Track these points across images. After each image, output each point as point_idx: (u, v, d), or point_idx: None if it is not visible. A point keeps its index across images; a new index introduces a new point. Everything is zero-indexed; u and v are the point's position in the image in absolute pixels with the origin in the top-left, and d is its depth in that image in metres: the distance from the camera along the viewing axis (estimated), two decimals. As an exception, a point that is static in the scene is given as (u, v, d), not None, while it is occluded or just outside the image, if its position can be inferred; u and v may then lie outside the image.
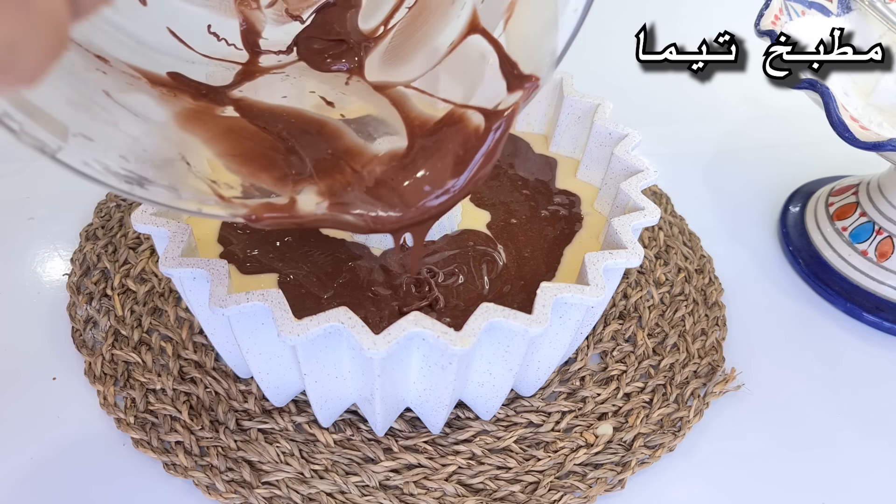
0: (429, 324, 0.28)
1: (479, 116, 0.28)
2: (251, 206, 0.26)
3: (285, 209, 0.27)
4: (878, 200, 0.48)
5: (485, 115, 0.28)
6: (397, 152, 0.29)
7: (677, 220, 0.52)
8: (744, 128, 0.65)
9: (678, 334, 0.44)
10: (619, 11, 0.72)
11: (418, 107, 0.31)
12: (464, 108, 0.29)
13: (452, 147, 0.28)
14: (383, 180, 0.28)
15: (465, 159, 0.28)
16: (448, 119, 0.29)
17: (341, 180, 0.28)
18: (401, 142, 0.29)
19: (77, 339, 0.40)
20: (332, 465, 0.36)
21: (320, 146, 0.29)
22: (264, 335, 0.31)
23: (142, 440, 0.36)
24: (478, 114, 0.28)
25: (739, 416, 0.41)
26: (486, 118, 0.28)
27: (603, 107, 0.40)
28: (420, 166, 0.28)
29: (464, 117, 0.29)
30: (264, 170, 0.28)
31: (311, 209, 0.27)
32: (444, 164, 0.28)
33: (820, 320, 0.47)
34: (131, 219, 0.31)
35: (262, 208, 0.26)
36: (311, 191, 0.27)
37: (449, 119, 0.29)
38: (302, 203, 0.27)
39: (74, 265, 0.44)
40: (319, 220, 0.27)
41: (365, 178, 0.28)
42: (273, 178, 0.28)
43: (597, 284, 0.30)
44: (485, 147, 0.28)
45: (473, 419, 0.38)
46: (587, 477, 0.37)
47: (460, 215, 0.38)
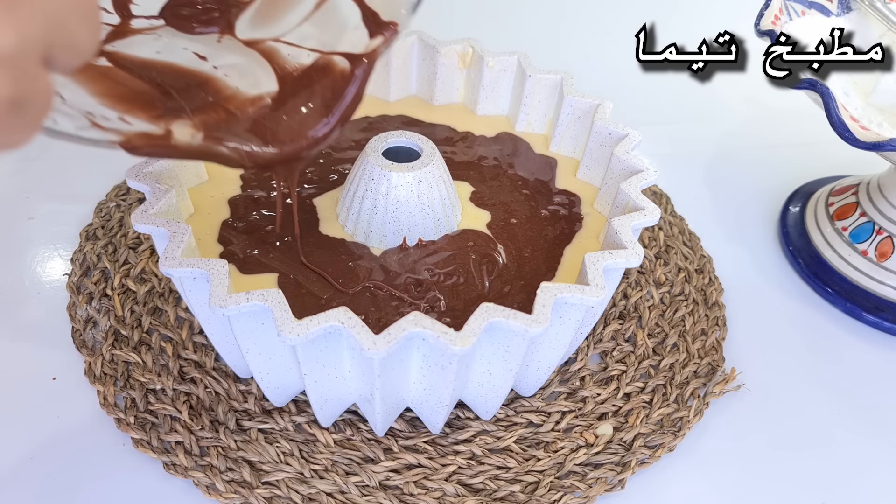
0: (429, 324, 0.28)
1: (345, 62, 0.31)
2: (127, 133, 0.27)
3: (161, 139, 0.28)
4: (878, 200, 0.48)
5: (350, 59, 0.31)
6: (270, 95, 0.32)
7: (677, 220, 0.52)
8: (744, 128, 0.65)
9: (678, 334, 0.44)
10: (619, 11, 0.73)
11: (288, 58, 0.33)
12: (330, 54, 0.32)
13: (320, 89, 0.31)
14: (257, 120, 0.31)
15: (332, 100, 0.31)
16: (316, 65, 0.32)
17: (216, 117, 0.30)
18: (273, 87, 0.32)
19: (77, 339, 0.40)
20: (332, 465, 0.36)
21: (195, 92, 0.31)
22: (264, 335, 0.31)
23: (142, 440, 0.36)
24: (343, 60, 0.31)
25: (739, 416, 0.41)
26: (350, 62, 0.31)
27: (603, 107, 0.40)
28: (292, 108, 0.31)
29: (330, 63, 0.32)
30: (140, 108, 0.29)
31: (187, 139, 0.29)
32: (315, 105, 0.31)
33: (820, 320, 0.47)
34: (131, 219, 0.31)
35: (137, 136, 0.27)
36: (186, 124, 0.29)
37: (317, 65, 0.32)
38: (178, 134, 0.29)
39: (74, 265, 0.44)
40: (195, 150, 0.29)
41: (240, 117, 0.31)
42: (149, 116, 0.29)
43: (597, 284, 0.30)
44: (352, 87, 0.31)
45: (473, 419, 0.38)
46: (587, 477, 0.37)
47: (460, 215, 0.38)
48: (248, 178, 0.40)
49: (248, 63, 0.33)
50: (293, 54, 0.33)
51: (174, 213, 0.33)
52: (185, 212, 0.37)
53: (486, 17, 0.76)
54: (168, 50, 0.32)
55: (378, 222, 0.36)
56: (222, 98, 0.31)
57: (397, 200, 0.35)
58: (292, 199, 0.36)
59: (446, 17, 0.66)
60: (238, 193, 0.39)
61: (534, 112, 0.44)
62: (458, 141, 0.44)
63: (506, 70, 0.44)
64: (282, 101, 0.31)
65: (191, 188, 0.38)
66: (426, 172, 0.35)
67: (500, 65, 0.44)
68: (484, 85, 0.44)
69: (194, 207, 0.37)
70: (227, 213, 0.38)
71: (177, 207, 0.34)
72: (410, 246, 0.36)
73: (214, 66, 0.32)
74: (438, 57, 0.44)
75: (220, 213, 0.38)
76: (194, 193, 0.38)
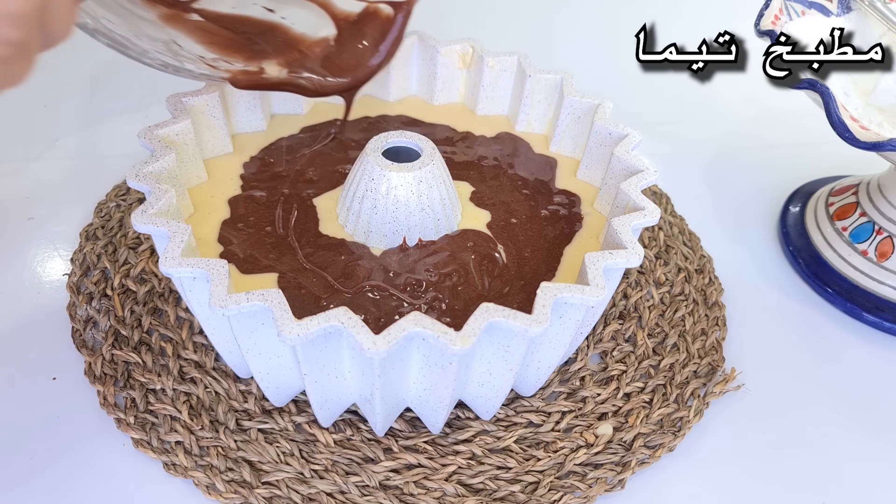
0: (429, 324, 0.28)
1: (388, 8, 0.40)
2: (233, 71, 0.36)
3: (257, 74, 0.37)
4: (878, 200, 0.48)
5: (392, 6, 0.40)
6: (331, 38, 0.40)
7: (677, 220, 0.52)
8: (744, 128, 0.65)
9: (678, 334, 0.44)
10: (619, 11, 0.73)
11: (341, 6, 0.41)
12: (376, 2, 0.40)
13: (371, 31, 0.40)
14: (325, 56, 0.40)
15: (380, 40, 0.40)
16: (366, 12, 0.41)
17: (293, 57, 0.39)
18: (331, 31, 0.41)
19: (77, 339, 0.40)
20: (332, 465, 0.36)
21: (270, 37, 0.39)
22: (264, 335, 0.31)
23: (142, 440, 0.36)
24: (387, 6, 0.40)
25: (739, 416, 0.41)
26: (393, 8, 0.40)
27: (603, 107, 0.40)
28: (349, 47, 0.40)
29: (377, 9, 0.40)
30: (236, 52, 0.38)
31: (276, 74, 0.38)
32: (366, 45, 0.40)
33: (820, 320, 0.47)
34: (131, 219, 0.31)
35: (240, 73, 0.36)
36: (273, 63, 0.38)
37: (366, 11, 0.41)
38: (269, 70, 0.38)
39: (74, 265, 0.44)
40: (283, 82, 0.38)
41: (310, 56, 0.39)
42: (244, 57, 0.38)
43: (597, 284, 0.30)
44: (394, 29, 0.40)
45: (473, 419, 0.38)
46: (587, 477, 0.37)
47: (460, 215, 0.38)
48: (248, 177, 0.40)
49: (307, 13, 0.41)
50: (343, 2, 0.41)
51: (174, 213, 0.33)
52: (185, 212, 0.37)
53: (486, 17, 0.76)
54: (241, 5, 0.40)
55: (378, 222, 0.36)
56: (293, 41, 0.39)
57: (397, 200, 0.35)
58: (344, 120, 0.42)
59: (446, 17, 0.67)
60: (238, 193, 0.39)
61: (534, 112, 0.44)
62: (458, 141, 0.44)
63: (506, 70, 0.44)
64: (341, 42, 0.40)
65: (191, 188, 0.38)
66: (426, 172, 0.35)
67: (500, 65, 0.44)
68: (484, 85, 0.44)
69: (194, 207, 0.37)
70: (227, 213, 0.38)
71: (177, 207, 0.34)
72: (410, 246, 0.36)
73: (282, 17, 0.40)
74: (438, 57, 0.44)
75: (220, 213, 0.38)
76: (194, 193, 0.38)
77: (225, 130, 0.40)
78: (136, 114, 0.56)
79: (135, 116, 0.57)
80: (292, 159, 0.41)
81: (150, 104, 0.57)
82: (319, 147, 0.42)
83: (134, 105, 0.58)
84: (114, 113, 0.58)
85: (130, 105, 0.57)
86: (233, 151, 0.41)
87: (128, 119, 0.57)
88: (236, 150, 0.41)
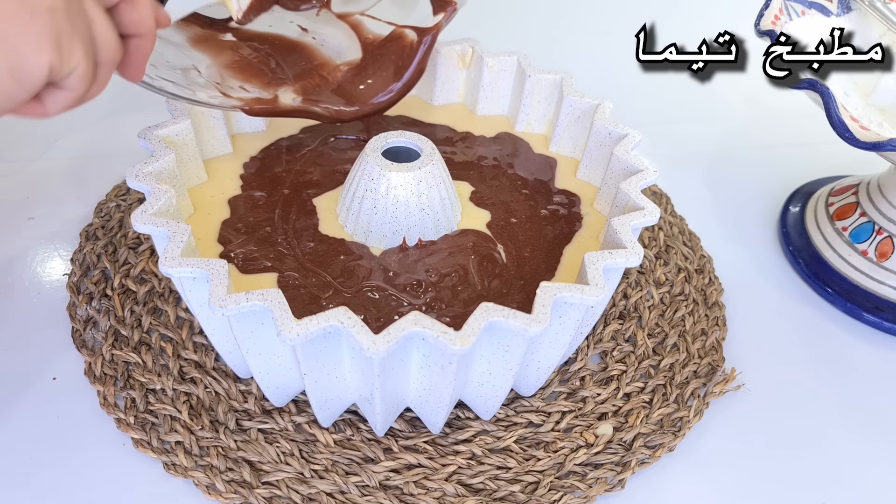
0: (429, 323, 0.28)
1: (413, 34, 0.41)
2: (245, 99, 0.37)
3: (270, 102, 0.38)
4: (878, 200, 0.48)
5: (417, 32, 0.41)
6: (355, 62, 0.42)
7: (677, 220, 0.52)
8: (744, 128, 0.65)
9: (678, 334, 0.44)
10: (619, 11, 0.73)
11: (370, 28, 0.42)
12: (403, 27, 0.41)
13: (393, 58, 0.41)
14: (343, 83, 0.41)
15: (402, 67, 0.41)
16: (391, 36, 0.41)
17: (312, 83, 0.40)
18: (357, 54, 0.42)
19: (77, 339, 0.40)
20: (332, 465, 0.36)
21: (297, 60, 0.41)
22: (264, 335, 0.31)
23: (142, 440, 0.36)
24: (412, 32, 0.41)
25: (739, 416, 0.41)
26: (417, 34, 0.40)
27: (603, 107, 0.40)
28: (370, 73, 0.41)
29: (402, 34, 0.41)
30: (255, 77, 0.39)
31: (289, 103, 0.38)
32: (387, 72, 0.41)
33: (820, 320, 0.47)
34: (131, 219, 0.31)
35: (253, 101, 0.37)
36: (289, 90, 0.39)
37: (392, 36, 0.41)
38: (282, 98, 0.38)
39: (74, 265, 0.44)
40: (296, 110, 0.38)
41: (330, 81, 0.40)
42: (261, 83, 0.39)
43: (596, 284, 0.30)
44: (417, 56, 0.40)
45: (473, 419, 0.38)
46: (587, 477, 0.37)
47: (460, 215, 0.38)
48: (248, 178, 0.40)
49: (340, 33, 0.42)
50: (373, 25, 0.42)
51: (174, 213, 0.33)
52: (185, 212, 0.37)
53: (486, 17, 0.76)
54: (278, 23, 0.41)
55: (378, 222, 0.36)
56: (317, 65, 0.41)
57: (397, 200, 0.35)
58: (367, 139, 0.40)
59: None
60: (238, 193, 0.39)
61: (534, 112, 0.44)
62: (458, 141, 0.44)
63: (506, 70, 0.44)
64: (363, 67, 0.41)
65: (191, 188, 0.38)
66: (426, 172, 0.35)
67: (499, 65, 0.44)
68: (484, 85, 0.44)
69: (194, 207, 0.38)
70: (227, 213, 0.38)
71: (177, 207, 0.34)
72: (410, 246, 0.36)
73: (313, 37, 0.42)
74: (438, 57, 0.44)
75: (220, 213, 0.38)
76: (194, 193, 0.38)
77: (225, 131, 0.40)
78: (136, 114, 0.56)
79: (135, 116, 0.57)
80: (292, 159, 0.41)
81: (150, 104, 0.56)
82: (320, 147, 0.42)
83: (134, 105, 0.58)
84: (113, 113, 0.58)
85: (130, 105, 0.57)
86: (232, 152, 0.41)
87: (127, 119, 0.57)
88: (236, 150, 0.41)
